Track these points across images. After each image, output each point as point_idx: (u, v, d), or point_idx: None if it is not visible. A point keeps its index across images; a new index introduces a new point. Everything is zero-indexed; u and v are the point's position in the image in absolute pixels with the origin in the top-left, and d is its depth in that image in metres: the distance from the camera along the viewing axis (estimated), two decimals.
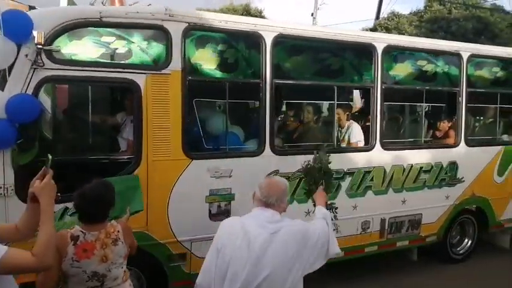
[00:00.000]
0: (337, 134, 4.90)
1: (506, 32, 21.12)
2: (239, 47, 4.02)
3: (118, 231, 2.53)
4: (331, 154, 4.52)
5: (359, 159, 4.74)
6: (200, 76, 3.92)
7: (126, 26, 3.55)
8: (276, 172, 4.23)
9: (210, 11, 10.73)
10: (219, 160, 3.98)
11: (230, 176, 3.99)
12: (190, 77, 3.76)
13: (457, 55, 5.29)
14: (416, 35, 17.77)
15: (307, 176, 3.28)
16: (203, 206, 3.94)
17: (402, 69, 5.10)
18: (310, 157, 4.41)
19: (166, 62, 3.65)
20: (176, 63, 3.68)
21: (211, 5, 22.33)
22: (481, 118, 6.06)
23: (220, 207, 4.01)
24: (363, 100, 5.37)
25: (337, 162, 4.52)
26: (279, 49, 4.27)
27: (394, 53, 4.95)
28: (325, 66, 4.59)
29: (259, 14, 23.75)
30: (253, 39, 4.11)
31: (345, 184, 4.64)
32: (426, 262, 5.69)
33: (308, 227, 2.44)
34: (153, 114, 3.61)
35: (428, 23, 22.33)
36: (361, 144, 4.82)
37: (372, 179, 4.80)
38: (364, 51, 4.72)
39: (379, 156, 4.83)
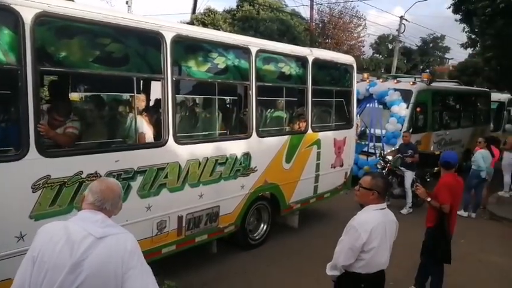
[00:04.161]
0: (125, 129, 4.46)
1: (303, 35, 24.21)
2: None
3: None
4: (117, 152, 4.15)
5: (151, 156, 4.41)
6: None
7: None
8: (47, 178, 3.55)
9: None
10: None
11: None
12: None
13: (246, 49, 5.46)
14: (230, 32, 18.56)
15: None
16: None
17: (194, 61, 4.96)
18: (93, 157, 3.93)
19: None
20: None
21: None
22: (270, 110, 6.46)
23: None
24: (153, 92, 5.06)
25: (126, 160, 4.15)
26: (44, 30, 3.56)
27: (184, 44, 4.75)
28: (106, 54, 4.07)
29: None
30: (6, 16, 3.29)
31: (136, 184, 4.25)
32: (226, 252, 5.81)
33: (140, 252, 2.14)
34: None
35: (240, 22, 23.78)
36: (149, 138, 4.51)
37: (166, 176, 4.54)
38: (151, 39, 4.38)
39: (173, 152, 4.60)
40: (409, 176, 8.41)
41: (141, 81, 4.61)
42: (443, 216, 4.59)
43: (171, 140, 4.55)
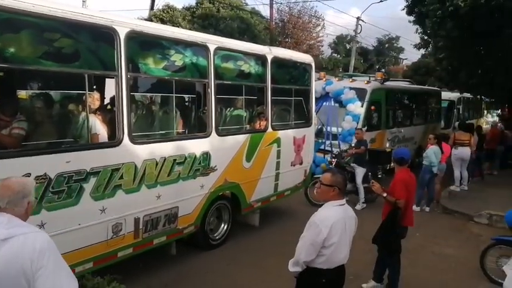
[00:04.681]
0: (77, 128, 4.27)
1: (263, 34, 24.33)
2: None
3: None
4: (68, 152, 3.96)
5: (105, 156, 4.24)
6: None
7: None
8: None
9: None
10: None
11: None
12: None
13: (204, 47, 5.37)
14: (190, 29, 18.27)
15: None
16: None
17: (150, 58, 4.82)
18: (42, 158, 3.71)
19: None
20: None
21: None
22: (230, 108, 6.40)
23: None
24: (107, 90, 4.88)
25: (77, 161, 3.96)
26: None
27: (139, 40, 4.61)
28: (56, 49, 3.85)
29: None
30: None
31: (89, 186, 4.07)
32: (186, 253, 5.71)
33: (53, 250, 2.06)
34: None
35: (200, 19, 23.54)
36: (103, 138, 4.34)
37: (121, 177, 4.38)
38: (104, 35, 4.20)
39: (129, 152, 4.45)
40: (360, 172, 8.62)
41: (94, 79, 4.40)
42: (396, 210, 4.74)
43: (126, 139, 4.39)
